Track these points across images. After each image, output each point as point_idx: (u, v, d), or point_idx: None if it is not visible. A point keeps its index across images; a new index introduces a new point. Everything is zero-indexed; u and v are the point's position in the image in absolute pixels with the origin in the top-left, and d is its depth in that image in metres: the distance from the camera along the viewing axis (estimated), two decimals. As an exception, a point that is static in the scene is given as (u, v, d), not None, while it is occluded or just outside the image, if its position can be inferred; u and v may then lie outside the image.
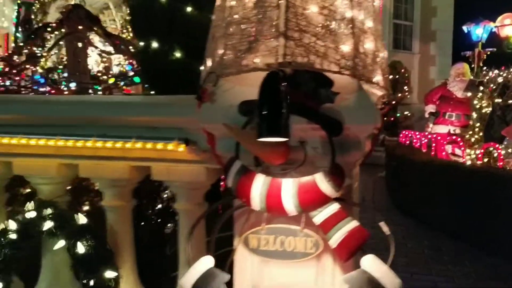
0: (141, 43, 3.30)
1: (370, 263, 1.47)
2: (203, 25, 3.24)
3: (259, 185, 1.53)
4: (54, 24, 5.68)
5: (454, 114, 9.12)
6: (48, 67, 6.38)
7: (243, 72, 1.50)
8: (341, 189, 1.52)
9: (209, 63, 1.72)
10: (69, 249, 1.91)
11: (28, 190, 3.03)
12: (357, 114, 1.50)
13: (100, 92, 4.72)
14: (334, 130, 1.52)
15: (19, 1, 12.89)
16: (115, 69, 8.03)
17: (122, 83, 4.84)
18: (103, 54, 5.90)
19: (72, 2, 12.59)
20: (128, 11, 3.59)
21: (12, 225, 1.96)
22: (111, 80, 4.90)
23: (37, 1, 12.30)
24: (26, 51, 5.56)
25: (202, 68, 1.80)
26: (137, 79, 4.66)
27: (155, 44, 3.12)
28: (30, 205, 1.97)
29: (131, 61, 5.24)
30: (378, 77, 1.59)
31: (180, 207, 1.91)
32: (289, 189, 1.50)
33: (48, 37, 5.63)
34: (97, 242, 1.89)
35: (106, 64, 6.54)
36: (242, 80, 1.62)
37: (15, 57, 5.61)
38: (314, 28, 1.46)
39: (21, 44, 5.99)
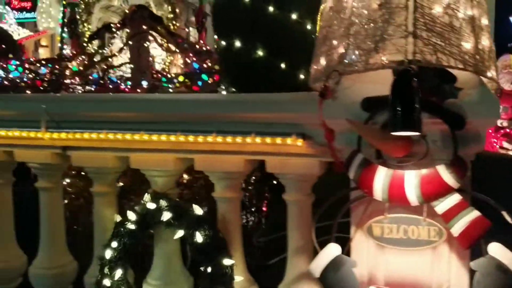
0: (223, 42, 3.43)
1: (498, 250, 1.54)
2: (285, 24, 3.36)
3: (381, 176, 1.62)
4: (116, 25, 5.89)
5: (502, 107, 8.97)
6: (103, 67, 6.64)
7: (371, 70, 1.58)
8: (462, 180, 1.60)
9: (322, 62, 1.82)
10: (187, 238, 2.05)
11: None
12: (480, 108, 1.57)
13: (171, 90, 4.89)
14: (457, 124, 1.59)
15: (64, 2, 13.35)
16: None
17: (189, 81, 4.98)
18: (168, 53, 6.05)
19: (115, 3, 12.96)
20: (211, 10, 3.68)
21: (132, 216, 2.12)
22: (181, 78, 5.06)
23: (81, 2, 12.72)
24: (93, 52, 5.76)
25: (314, 66, 1.90)
26: (205, 77, 4.81)
27: (237, 43, 3.25)
28: (147, 197, 2.12)
29: (194, 59, 5.40)
30: (493, 72, 1.65)
31: (290, 198, 2.02)
32: (412, 180, 1.59)
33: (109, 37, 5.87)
34: (213, 232, 2.02)
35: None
36: (362, 77, 1.72)
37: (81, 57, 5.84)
38: (440, 27, 1.54)
39: (84, 44, 6.22)
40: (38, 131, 2.17)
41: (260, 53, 3.18)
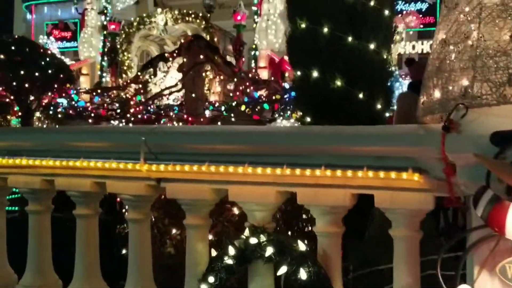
0: (298, 72, 3.43)
1: None
2: (363, 55, 3.35)
3: (515, 214, 1.54)
4: (170, 54, 6.00)
5: None
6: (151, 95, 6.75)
7: (505, 104, 1.53)
8: None
9: (437, 94, 1.78)
10: (289, 275, 1.99)
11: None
12: None
13: (233, 119, 4.91)
14: None
15: (105, 32, 13.78)
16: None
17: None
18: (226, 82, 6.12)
19: (154, 32, 13.29)
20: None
21: (231, 250, 2.07)
22: (243, 107, 5.08)
23: (122, 32, 13.11)
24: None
25: (423, 99, 1.86)
26: (266, 106, 4.82)
27: (315, 73, 3.24)
28: (246, 231, 2.08)
29: (252, 88, 5.42)
30: None
31: (399, 233, 1.94)
32: (550, 219, 1.51)
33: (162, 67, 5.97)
34: (316, 268, 1.96)
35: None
36: (488, 111, 1.66)
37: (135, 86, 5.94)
38: None
39: (138, 73, 6.34)
40: (136, 163, 2.16)
41: (339, 83, 3.17)
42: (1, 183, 2.60)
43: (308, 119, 3.39)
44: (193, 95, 5.57)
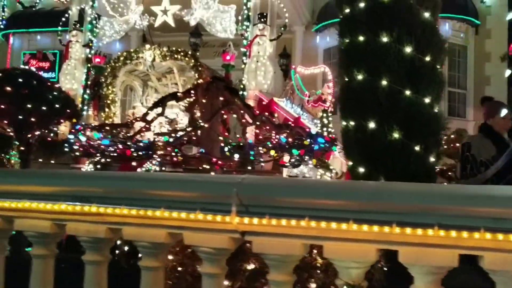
0: (352, 123, 3.43)
1: None
2: (419, 108, 3.41)
3: None
4: (183, 94, 5.91)
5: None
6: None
7: None
8: None
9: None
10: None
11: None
12: None
13: (262, 164, 4.83)
14: None
15: (89, 65, 13.57)
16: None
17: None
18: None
19: (141, 67, 13.18)
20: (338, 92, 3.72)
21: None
22: (272, 152, 5.02)
23: (108, 66, 12.93)
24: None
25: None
26: (295, 151, 4.78)
27: (371, 125, 3.25)
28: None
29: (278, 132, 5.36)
30: None
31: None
32: None
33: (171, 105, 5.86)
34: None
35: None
36: None
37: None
38: None
39: (147, 112, 6.20)
40: (225, 215, 2.07)
41: (396, 135, 3.19)
42: (58, 230, 2.42)
43: (362, 170, 3.39)
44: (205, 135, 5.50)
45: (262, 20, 12.26)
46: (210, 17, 12.56)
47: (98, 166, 8.36)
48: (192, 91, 5.79)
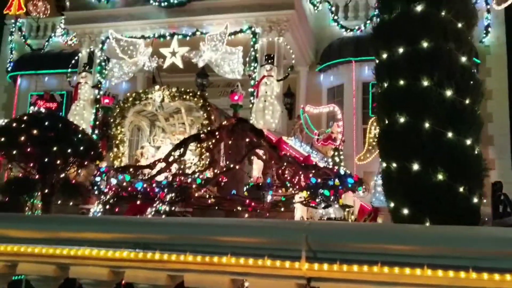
0: (394, 164, 3.47)
1: None
2: (462, 150, 3.46)
3: None
4: (205, 135, 5.94)
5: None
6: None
7: None
8: None
9: None
10: None
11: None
12: None
13: (295, 206, 4.82)
14: None
15: (97, 106, 13.70)
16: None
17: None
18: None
19: (150, 108, 13.31)
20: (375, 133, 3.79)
21: None
22: (305, 194, 5.01)
23: (117, 106, 13.06)
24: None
25: None
26: (327, 193, 4.79)
27: (415, 166, 3.29)
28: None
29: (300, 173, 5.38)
30: None
31: None
32: None
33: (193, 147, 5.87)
34: None
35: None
36: None
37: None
38: None
39: (170, 154, 6.21)
40: (294, 261, 2.06)
41: (441, 177, 3.22)
42: (115, 277, 2.40)
43: (406, 211, 3.40)
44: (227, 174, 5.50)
45: (270, 61, 12.51)
46: (218, 58, 12.81)
47: (107, 207, 8.32)
48: (217, 133, 5.80)
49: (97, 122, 13.33)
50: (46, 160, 5.68)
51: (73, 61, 14.09)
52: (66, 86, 16.49)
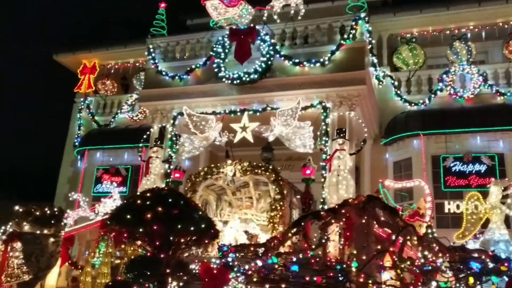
0: None
1: None
2: None
3: None
4: (326, 213, 5.75)
5: None
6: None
7: None
8: None
9: None
10: None
11: None
12: None
13: None
14: None
15: (167, 180, 13.79)
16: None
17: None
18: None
19: (220, 182, 13.29)
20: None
21: None
22: (471, 280, 4.59)
23: (188, 180, 13.12)
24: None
25: None
26: (495, 279, 4.44)
27: None
28: None
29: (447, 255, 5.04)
30: None
31: None
32: None
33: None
34: None
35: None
36: None
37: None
38: None
39: (288, 230, 5.99)
40: None
41: None
42: None
43: None
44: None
45: (342, 135, 12.51)
46: (290, 133, 12.89)
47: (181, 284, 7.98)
48: (343, 210, 5.56)
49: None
50: (171, 238, 5.56)
51: (144, 136, 14.46)
52: (131, 161, 16.89)
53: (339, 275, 4.40)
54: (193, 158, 15.68)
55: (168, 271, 5.58)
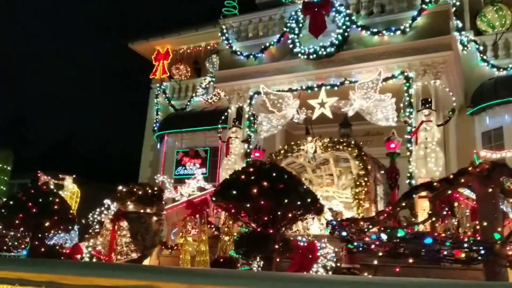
0: None
1: None
2: None
3: None
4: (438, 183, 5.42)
5: None
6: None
7: None
8: None
9: None
10: None
11: None
12: None
13: None
14: None
15: (248, 159, 13.89)
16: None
17: None
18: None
19: (301, 160, 13.16)
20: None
21: None
22: None
23: (269, 159, 13.12)
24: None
25: None
26: None
27: None
28: None
29: None
30: None
31: None
32: None
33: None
34: None
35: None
36: None
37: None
38: None
39: (398, 203, 5.77)
40: None
41: None
42: None
43: None
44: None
45: (427, 105, 11.88)
46: (370, 106, 12.43)
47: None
48: (462, 180, 5.20)
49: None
50: (278, 213, 5.52)
51: (222, 117, 14.59)
52: (209, 143, 17.19)
53: (481, 248, 4.09)
54: (269, 138, 15.64)
55: (276, 247, 5.55)
